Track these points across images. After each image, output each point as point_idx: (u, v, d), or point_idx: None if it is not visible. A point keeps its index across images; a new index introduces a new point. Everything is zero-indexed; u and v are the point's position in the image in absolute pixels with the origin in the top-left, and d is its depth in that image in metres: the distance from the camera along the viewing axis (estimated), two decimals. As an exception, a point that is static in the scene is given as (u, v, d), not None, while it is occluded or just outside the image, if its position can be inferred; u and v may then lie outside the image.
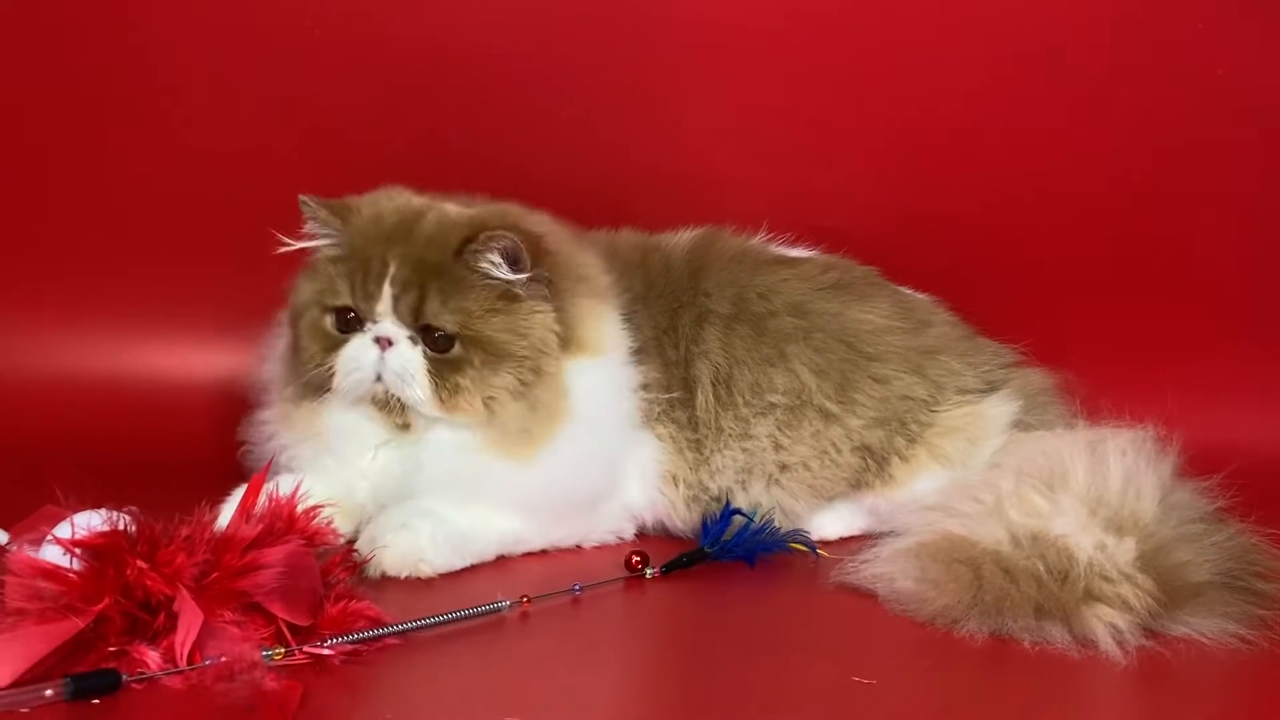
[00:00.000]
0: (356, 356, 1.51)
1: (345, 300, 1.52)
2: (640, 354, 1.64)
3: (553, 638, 1.38)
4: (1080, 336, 2.02)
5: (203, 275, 2.03)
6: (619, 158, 2.05)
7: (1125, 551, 1.40)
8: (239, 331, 1.70)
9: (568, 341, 1.56)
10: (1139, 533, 1.43)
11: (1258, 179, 2.07)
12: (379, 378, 1.51)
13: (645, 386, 1.63)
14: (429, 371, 1.50)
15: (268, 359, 1.66)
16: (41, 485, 1.37)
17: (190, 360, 2.01)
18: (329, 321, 1.53)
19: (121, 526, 1.24)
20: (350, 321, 1.52)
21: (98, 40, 1.99)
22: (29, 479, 1.46)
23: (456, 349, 1.51)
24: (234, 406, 1.68)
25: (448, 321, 1.50)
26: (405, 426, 1.53)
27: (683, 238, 1.77)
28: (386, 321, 1.51)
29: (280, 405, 1.60)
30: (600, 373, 1.59)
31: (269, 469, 1.39)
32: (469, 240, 1.50)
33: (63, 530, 1.24)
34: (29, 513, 1.40)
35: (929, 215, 2.07)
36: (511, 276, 1.51)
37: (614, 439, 1.62)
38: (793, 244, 1.82)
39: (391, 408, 1.52)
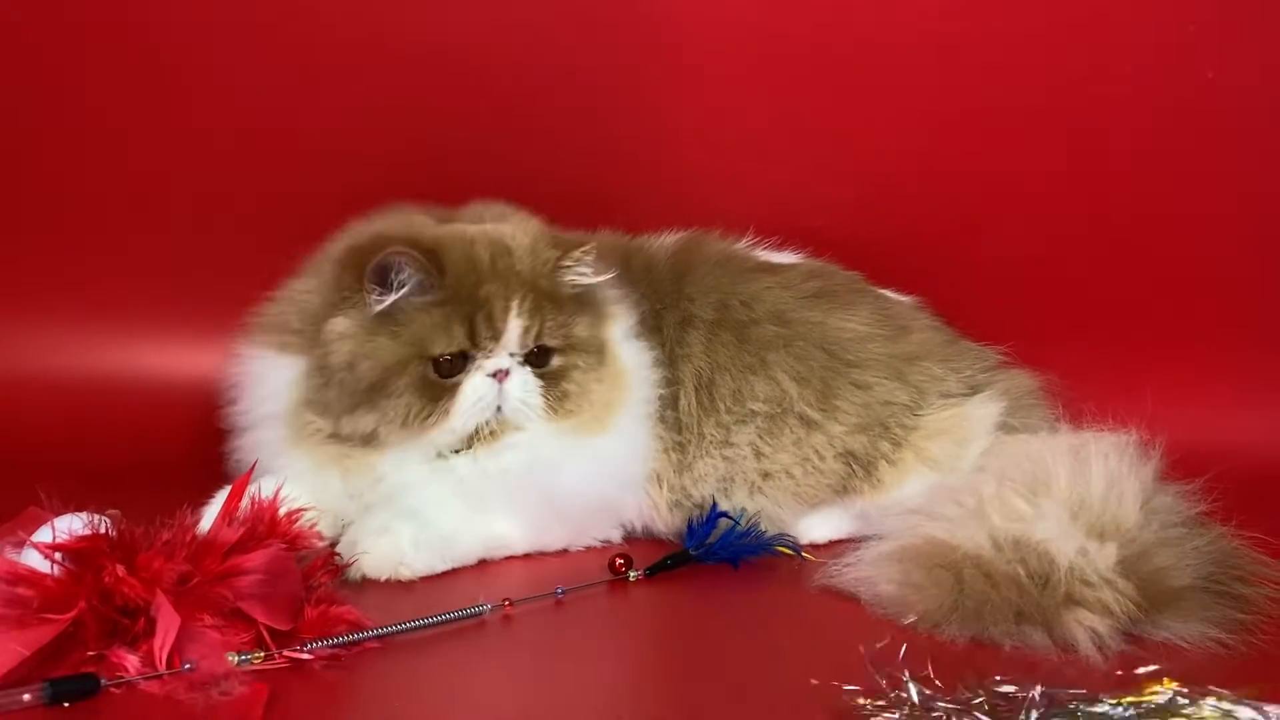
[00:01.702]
0: (481, 395, 1.52)
1: (462, 345, 1.51)
2: (638, 330, 1.67)
3: (535, 641, 1.38)
4: (1063, 339, 2.01)
5: (190, 277, 2.03)
6: (607, 158, 2.04)
7: (1106, 556, 1.41)
8: (226, 333, 1.69)
9: (604, 317, 1.63)
10: (1120, 537, 1.43)
11: (1243, 183, 2.07)
12: (498, 409, 1.53)
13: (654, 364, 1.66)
14: (540, 389, 1.55)
15: (252, 386, 1.61)
16: (26, 487, 1.38)
17: (177, 362, 2.00)
18: (429, 370, 1.51)
19: (103, 530, 1.24)
20: (451, 365, 1.51)
21: (90, 44, 1.99)
22: (13, 481, 1.46)
23: (555, 359, 1.56)
24: (218, 409, 1.67)
25: (557, 338, 1.56)
26: (485, 438, 1.54)
27: (666, 240, 1.78)
28: (502, 354, 1.52)
29: (324, 448, 1.54)
30: (626, 341, 1.65)
31: (252, 473, 1.39)
32: (561, 259, 1.56)
33: (43, 534, 1.25)
34: (13, 515, 1.40)
35: (916, 217, 2.07)
36: (596, 280, 1.59)
37: (650, 395, 1.65)
38: (779, 247, 1.82)
39: (485, 435, 1.54)
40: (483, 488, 1.54)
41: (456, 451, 1.54)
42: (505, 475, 1.54)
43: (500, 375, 1.53)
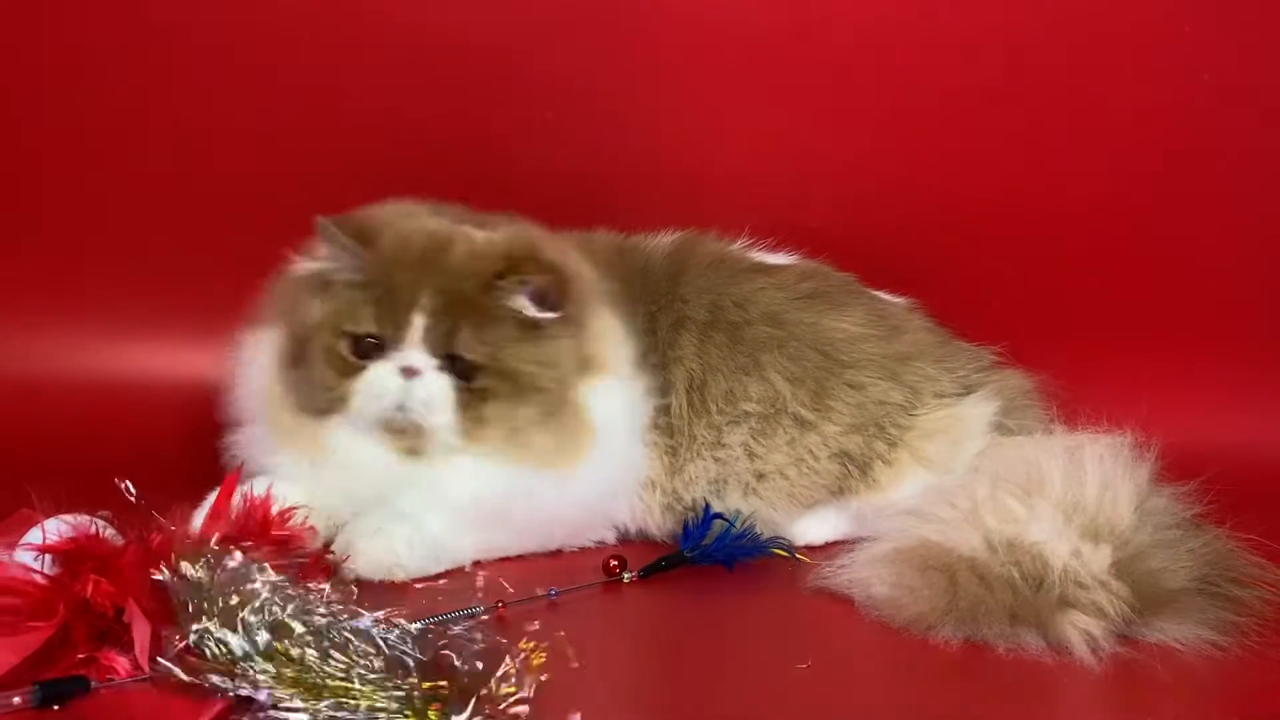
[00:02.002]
0: (380, 384, 1.49)
1: (369, 328, 1.49)
2: (641, 361, 1.64)
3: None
4: (1059, 340, 2.00)
5: (184, 277, 2.02)
6: (603, 157, 2.04)
7: (1101, 558, 1.41)
8: (219, 332, 1.69)
9: (585, 364, 1.57)
10: (1115, 539, 1.43)
11: (1239, 183, 2.07)
12: (400, 406, 1.49)
13: (649, 393, 1.64)
14: (455, 402, 1.50)
15: (243, 380, 1.61)
16: (17, 489, 1.37)
17: (171, 362, 2.00)
18: (344, 346, 1.50)
19: (92, 532, 1.24)
20: (369, 348, 1.50)
21: (84, 45, 1.99)
22: (5, 483, 1.46)
23: (482, 378, 1.50)
24: (213, 409, 1.67)
25: (478, 353, 1.50)
26: (413, 452, 1.51)
27: (662, 241, 1.77)
28: (413, 350, 1.49)
29: (276, 416, 1.56)
30: (616, 392, 1.60)
31: (241, 471, 1.39)
32: (500, 276, 1.50)
33: (33, 537, 1.25)
34: (3, 517, 1.39)
35: (912, 216, 2.06)
36: (541, 315, 1.51)
37: (630, 454, 1.63)
38: (775, 247, 1.82)
39: (406, 433, 1.51)
40: (434, 497, 1.52)
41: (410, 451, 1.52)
42: (457, 496, 1.52)
43: (408, 372, 1.50)
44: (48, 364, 2.01)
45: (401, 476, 1.52)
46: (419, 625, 1.20)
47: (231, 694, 1.13)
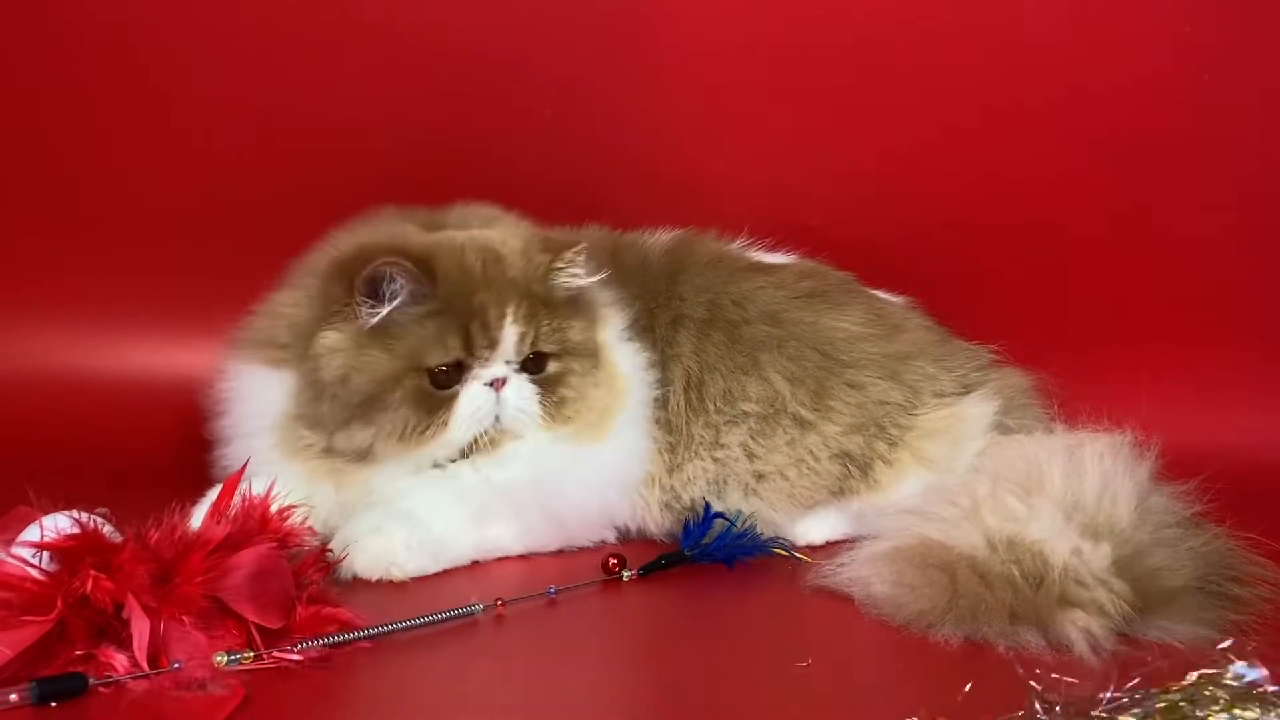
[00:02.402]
0: (479, 405, 1.50)
1: (458, 354, 1.49)
2: (631, 332, 1.66)
3: (527, 641, 1.38)
4: (1058, 339, 2.01)
5: (180, 276, 2.02)
6: (602, 156, 2.04)
7: (1101, 557, 1.40)
8: (216, 330, 1.69)
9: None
10: (1115, 538, 1.42)
11: (1239, 183, 2.07)
12: (496, 418, 1.51)
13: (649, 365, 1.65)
14: (537, 395, 1.53)
15: (239, 403, 1.58)
16: (15, 486, 1.37)
17: (168, 360, 1.99)
18: (425, 382, 1.49)
19: (90, 529, 1.24)
20: (450, 375, 1.50)
21: (79, 45, 1.99)
22: (3, 480, 1.46)
23: (551, 365, 1.55)
24: (207, 415, 1.66)
25: (553, 343, 1.54)
26: (482, 447, 1.53)
27: (660, 238, 1.77)
28: (498, 363, 1.51)
29: (305, 464, 1.51)
30: (620, 343, 1.63)
31: (244, 470, 1.38)
32: (553, 263, 1.54)
33: (31, 533, 1.24)
34: (1, 514, 1.39)
35: (910, 215, 2.07)
36: (589, 281, 1.57)
37: (645, 399, 1.64)
38: (773, 247, 1.81)
39: (484, 444, 1.52)
40: (487, 497, 1.53)
41: (453, 460, 1.53)
42: (511, 487, 1.53)
43: (497, 384, 1.51)
44: (46, 361, 2.00)
45: (418, 481, 1.53)
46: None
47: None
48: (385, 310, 1.46)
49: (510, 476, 1.53)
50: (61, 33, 1.99)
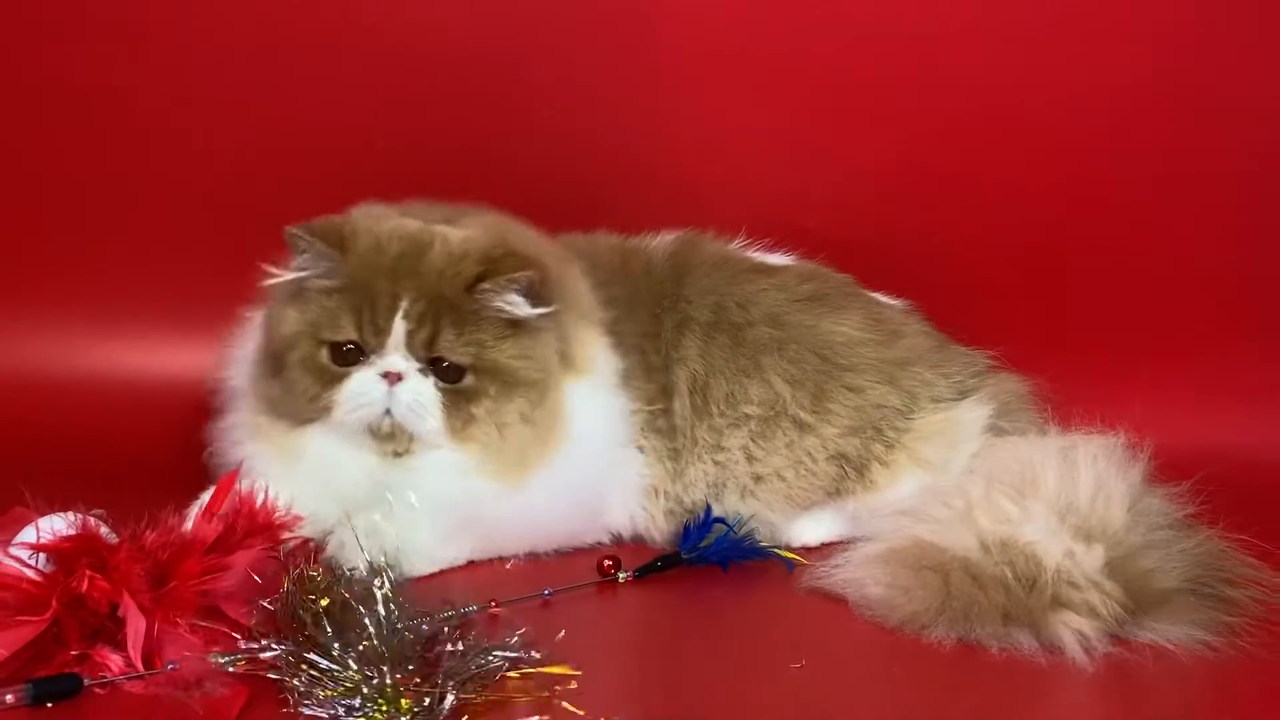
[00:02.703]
0: (364, 391, 1.48)
1: (349, 335, 1.48)
2: (628, 375, 1.63)
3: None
4: (1053, 342, 2.01)
5: (178, 276, 2.02)
6: (602, 157, 2.04)
7: (1093, 558, 1.41)
8: (210, 331, 1.70)
9: (566, 360, 1.56)
10: (1108, 540, 1.43)
11: (1235, 185, 2.07)
12: (387, 411, 1.48)
13: (634, 410, 1.63)
14: (442, 405, 1.49)
15: (233, 363, 1.62)
16: (12, 487, 1.38)
17: (163, 360, 1.99)
18: (324, 354, 1.49)
19: (86, 530, 1.24)
20: (349, 354, 1.48)
21: (77, 43, 1.99)
22: (1, 479, 1.46)
23: (468, 379, 1.49)
24: (205, 407, 1.67)
25: (462, 355, 1.48)
26: (399, 454, 1.50)
27: (663, 241, 1.77)
28: (395, 355, 1.48)
29: (252, 417, 1.55)
30: (593, 394, 1.59)
31: (237, 473, 1.38)
32: (482, 278, 1.48)
33: (27, 534, 1.25)
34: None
35: (909, 218, 2.06)
36: (528, 313, 1.50)
37: (604, 460, 1.61)
38: (773, 248, 1.82)
39: (393, 437, 1.50)
40: (417, 500, 1.51)
41: (399, 453, 1.51)
42: (434, 502, 1.51)
43: (391, 377, 1.48)
44: (41, 363, 2.00)
45: (379, 479, 1.51)
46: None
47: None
48: (287, 276, 1.50)
49: (428, 488, 1.50)
50: (61, 33, 1.99)
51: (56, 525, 1.26)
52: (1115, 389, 1.79)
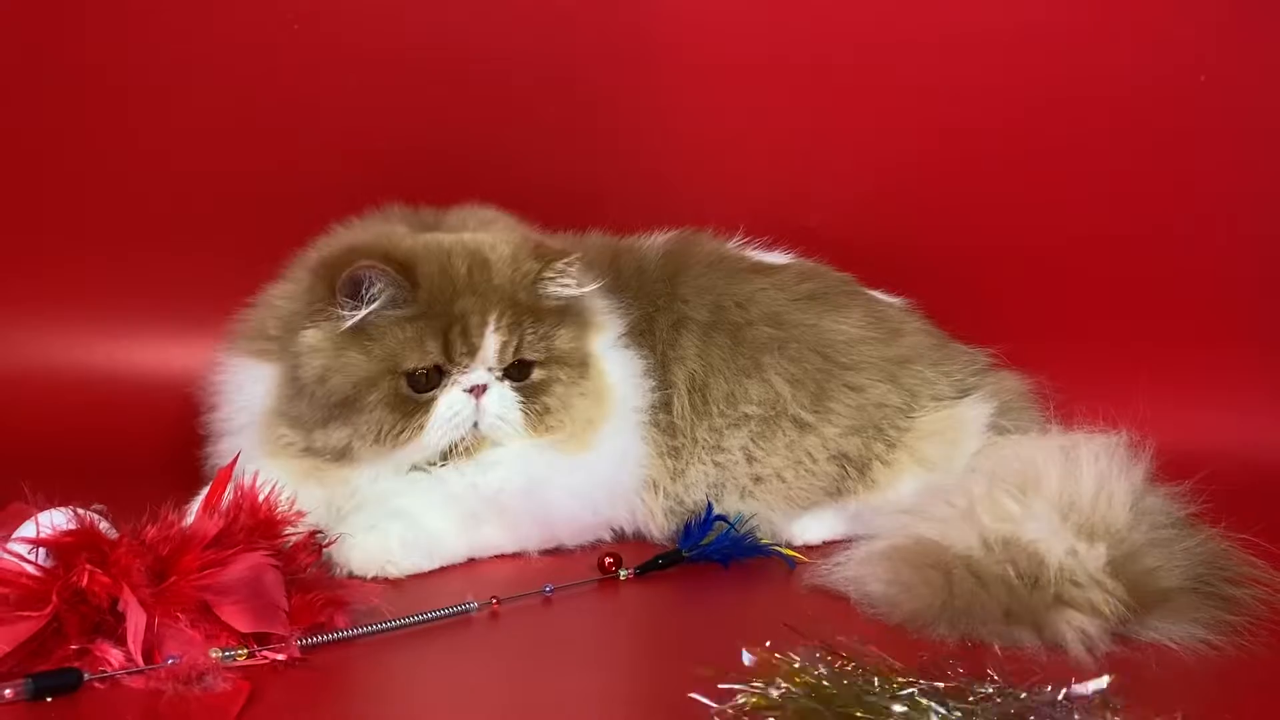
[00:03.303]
0: (456, 411, 1.49)
1: (436, 359, 1.48)
2: (631, 345, 1.65)
3: (523, 639, 1.38)
4: (1055, 340, 2.01)
5: (177, 272, 2.02)
6: (601, 156, 2.05)
7: (1096, 557, 1.40)
8: (212, 328, 1.69)
9: (587, 325, 1.60)
10: (1110, 538, 1.42)
11: (1237, 187, 2.07)
12: (475, 424, 1.50)
13: (645, 372, 1.64)
14: (519, 403, 1.52)
15: (231, 394, 1.58)
16: (11, 483, 1.37)
17: (163, 356, 1.99)
18: (403, 385, 1.48)
19: (86, 525, 1.24)
20: (429, 379, 1.49)
21: (79, 40, 1.99)
22: (1, 475, 1.46)
23: (536, 373, 1.53)
24: (201, 412, 1.66)
25: (539, 352, 1.53)
26: (463, 453, 1.52)
27: (656, 240, 1.77)
28: (481, 369, 1.50)
29: (286, 463, 1.50)
30: (613, 351, 1.62)
31: (235, 464, 1.37)
32: (542, 272, 1.52)
33: (27, 529, 1.24)
34: (-1, 510, 1.40)
35: (908, 217, 2.07)
36: (583, 291, 1.55)
37: (635, 416, 1.63)
38: (771, 246, 1.82)
39: (461, 450, 1.52)
40: (474, 503, 1.53)
41: (433, 465, 1.53)
42: (498, 492, 1.53)
43: (477, 391, 1.50)
44: (41, 358, 2.00)
45: (411, 480, 1.52)
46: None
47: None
48: (363, 313, 1.46)
49: (494, 482, 1.52)
50: (61, 32, 1.99)
51: (56, 520, 1.25)
52: (1118, 388, 1.78)
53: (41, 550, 1.22)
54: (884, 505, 1.63)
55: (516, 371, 1.53)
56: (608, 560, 1.54)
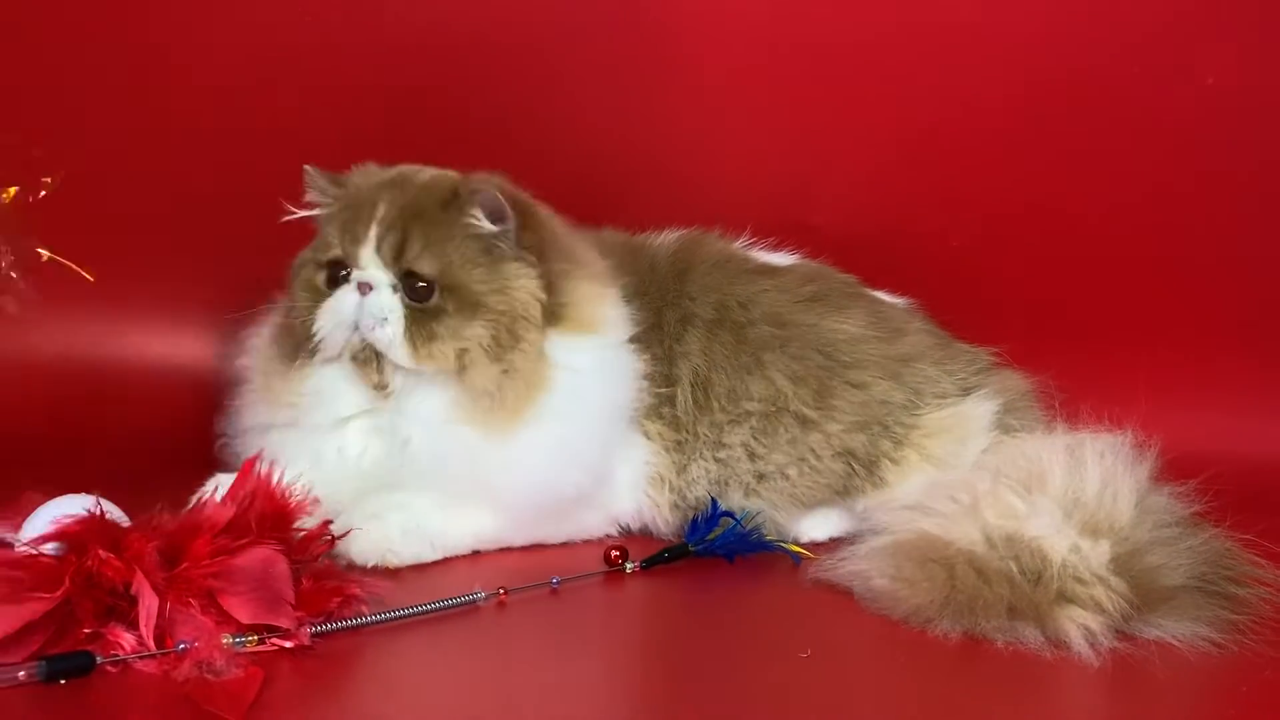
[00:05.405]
0: (339, 304, 1.54)
1: (336, 251, 1.55)
2: (640, 341, 1.64)
3: (529, 630, 1.39)
4: (1060, 340, 2.02)
5: (186, 261, 2.02)
6: (608, 154, 2.05)
7: (1099, 554, 1.41)
8: (223, 316, 1.70)
9: (558, 316, 1.57)
10: (1114, 536, 1.43)
11: (1239, 185, 2.08)
12: (357, 326, 1.52)
13: (647, 376, 1.64)
14: (405, 318, 1.52)
15: (246, 351, 1.66)
16: (24, 471, 1.38)
17: (174, 345, 2.00)
18: (321, 278, 1.56)
19: (98, 513, 1.25)
20: (340, 277, 1.55)
21: (84, 32, 1.99)
22: (9, 465, 1.47)
23: (435, 299, 1.53)
24: (217, 392, 1.68)
25: (427, 265, 1.53)
26: (382, 387, 1.54)
27: (667, 239, 1.78)
28: (371, 268, 1.53)
29: (263, 378, 1.61)
30: (594, 352, 1.59)
31: (259, 456, 1.38)
32: (456, 192, 1.54)
33: (39, 517, 1.25)
34: (10, 498, 1.40)
35: (914, 216, 2.07)
36: (494, 228, 1.54)
37: (605, 424, 1.61)
38: (777, 246, 1.82)
39: (368, 362, 1.54)
40: (397, 456, 1.54)
41: (366, 411, 1.56)
42: (407, 444, 1.54)
43: (364, 288, 1.53)
44: (50, 347, 2.00)
45: (377, 444, 1.55)
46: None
47: None
48: (299, 214, 1.61)
49: (405, 431, 1.53)
50: (59, 25, 1.99)
51: (68, 508, 1.26)
52: (1122, 387, 1.78)
53: (49, 537, 1.23)
54: (892, 503, 1.62)
55: (412, 290, 1.53)
56: (614, 553, 1.54)
